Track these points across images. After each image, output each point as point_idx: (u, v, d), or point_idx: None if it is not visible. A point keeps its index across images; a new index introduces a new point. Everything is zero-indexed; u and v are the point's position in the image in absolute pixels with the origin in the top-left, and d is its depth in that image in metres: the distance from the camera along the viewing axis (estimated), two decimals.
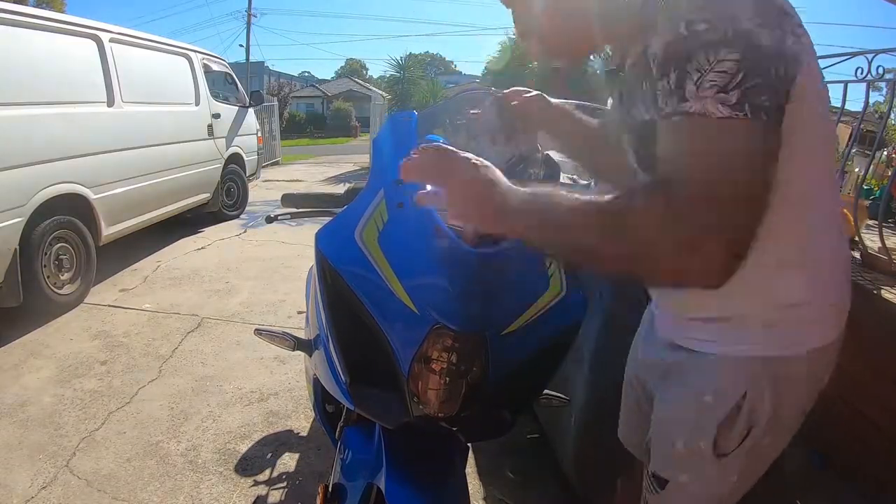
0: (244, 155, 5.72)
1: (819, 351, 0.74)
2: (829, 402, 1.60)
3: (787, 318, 0.72)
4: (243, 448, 1.97)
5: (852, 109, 2.38)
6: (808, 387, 0.76)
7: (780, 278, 0.71)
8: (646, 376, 0.93)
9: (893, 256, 1.62)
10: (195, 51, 5.04)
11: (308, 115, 28.92)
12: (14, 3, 3.12)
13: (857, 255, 1.79)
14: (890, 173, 3.33)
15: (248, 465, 1.88)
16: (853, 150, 2.68)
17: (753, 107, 0.53)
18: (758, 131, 0.54)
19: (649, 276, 0.64)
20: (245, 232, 5.24)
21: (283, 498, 1.73)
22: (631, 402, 1.02)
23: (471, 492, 1.11)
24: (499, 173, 0.63)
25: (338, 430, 1.05)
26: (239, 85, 5.96)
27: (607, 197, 0.57)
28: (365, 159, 12.82)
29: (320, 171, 11.28)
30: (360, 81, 36.67)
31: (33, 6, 7.90)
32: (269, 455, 1.93)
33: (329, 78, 43.89)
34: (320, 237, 0.83)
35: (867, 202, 2.39)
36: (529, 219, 0.60)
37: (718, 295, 0.64)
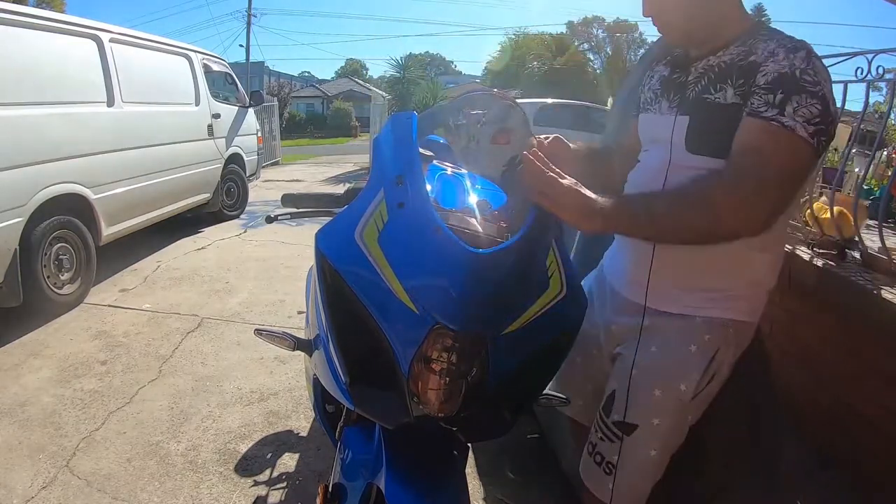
0: (244, 155, 5.71)
1: (759, 320, 1.01)
2: (828, 402, 1.60)
3: (752, 293, 0.99)
4: (243, 448, 1.97)
5: (852, 109, 2.38)
6: (743, 349, 1.01)
7: (758, 262, 0.96)
8: (609, 338, 1.09)
9: (893, 256, 1.62)
10: (195, 51, 5.03)
11: (308, 115, 28.89)
12: (14, 3, 3.12)
13: (857, 255, 1.79)
14: (890, 173, 3.33)
15: (248, 465, 1.88)
16: (853, 150, 2.67)
17: (818, 141, 0.81)
18: (814, 157, 0.82)
19: (702, 238, 0.86)
20: (245, 232, 5.23)
21: (283, 498, 1.73)
22: (579, 371, 1.16)
23: (471, 492, 1.11)
24: (586, 191, 0.84)
25: (338, 430, 1.05)
26: (239, 85, 5.96)
27: (691, 186, 0.84)
28: (365, 159, 12.82)
29: (320, 171, 11.28)
30: (360, 81, 36.62)
31: (33, 6, 7.90)
32: (269, 455, 1.94)
33: (329, 78, 43.86)
34: (320, 237, 0.83)
35: (867, 202, 2.39)
36: (630, 217, 0.84)
37: (714, 272, 0.95)
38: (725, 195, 0.80)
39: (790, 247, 1.79)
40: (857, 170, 3.14)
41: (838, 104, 1.92)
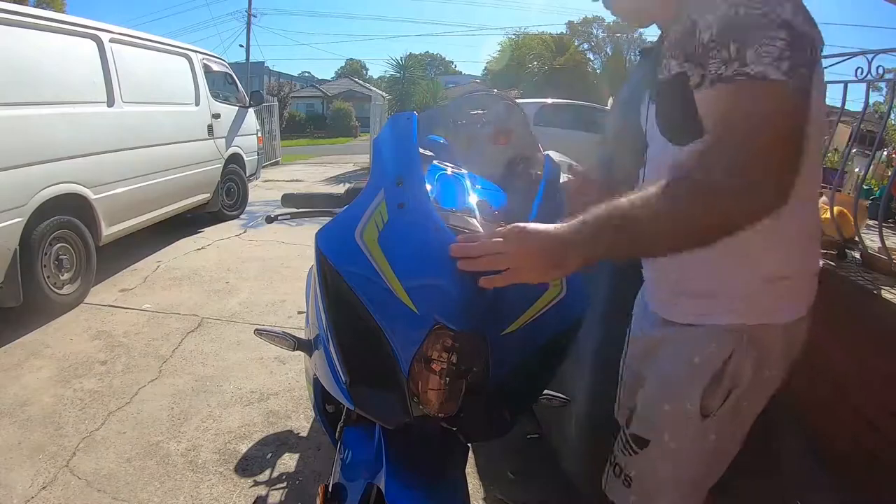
0: (244, 155, 5.71)
1: (794, 323, 0.85)
2: (829, 402, 1.60)
3: (768, 291, 0.83)
4: (243, 448, 1.97)
5: (852, 109, 2.38)
6: (783, 355, 0.86)
7: (763, 253, 0.81)
8: (639, 354, 1.01)
9: (893, 256, 1.62)
10: (195, 51, 5.03)
11: (308, 115, 28.90)
12: (14, 3, 3.12)
13: (857, 255, 1.79)
14: (890, 173, 3.33)
15: (248, 465, 1.87)
16: (853, 150, 2.67)
17: (798, 76, 0.66)
18: (801, 94, 0.67)
19: (722, 232, 0.68)
20: (245, 232, 5.23)
21: (283, 498, 1.73)
22: (627, 381, 1.08)
23: (471, 492, 1.11)
24: (540, 226, 0.70)
25: (338, 430, 1.05)
26: (239, 85, 5.95)
27: (664, 188, 0.67)
28: (365, 159, 12.82)
29: (320, 171, 11.28)
30: (360, 81, 36.63)
31: (33, 6, 7.90)
32: (269, 455, 1.93)
33: (329, 78, 43.85)
34: (320, 237, 0.83)
35: (867, 202, 2.39)
36: (609, 243, 0.68)
37: (708, 271, 0.83)
38: (722, 173, 0.65)
39: None
40: (857, 170, 3.15)
41: (837, 104, 1.92)
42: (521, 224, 0.71)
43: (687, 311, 0.88)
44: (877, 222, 1.76)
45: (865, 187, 2.69)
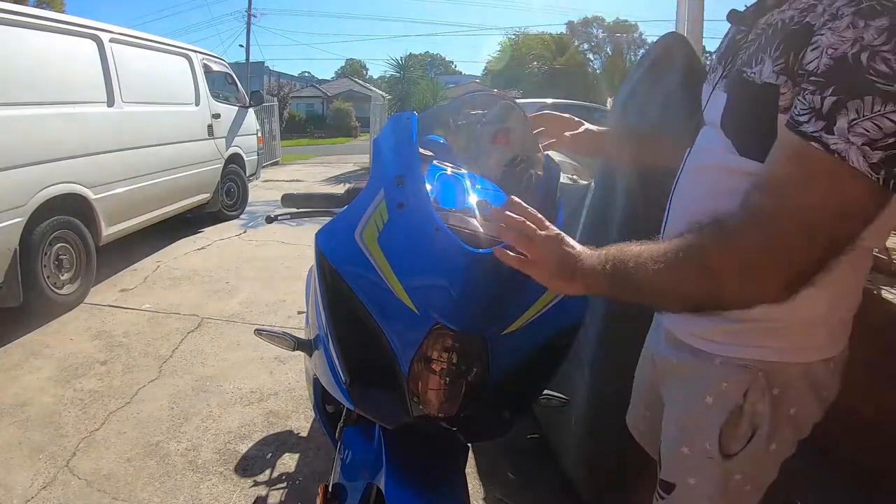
0: (244, 155, 5.71)
1: (821, 363, 0.75)
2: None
3: (795, 330, 0.73)
4: (243, 448, 1.97)
5: None
6: (810, 396, 0.77)
7: (806, 294, 0.64)
8: (655, 374, 0.95)
9: (893, 256, 1.62)
10: (195, 51, 5.03)
11: (308, 115, 28.90)
12: (14, 3, 3.12)
13: None
14: None
15: (248, 466, 1.87)
16: None
17: (889, 174, 0.51)
18: (877, 197, 0.53)
19: (711, 308, 0.65)
20: (245, 232, 5.23)
21: (283, 498, 1.73)
22: (641, 387, 1.03)
23: (471, 492, 1.11)
24: (571, 243, 0.69)
25: (338, 430, 1.05)
26: (239, 85, 5.95)
27: (676, 253, 0.61)
28: (365, 159, 12.81)
29: (320, 171, 11.27)
30: (360, 81, 36.65)
31: (33, 6, 7.89)
32: (269, 455, 1.93)
33: (329, 78, 43.90)
34: (320, 237, 0.83)
35: None
36: (611, 283, 0.65)
37: None
38: (724, 255, 0.59)
39: None
40: None
41: None
42: (563, 235, 0.69)
43: (700, 334, 0.79)
44: None
45: None
